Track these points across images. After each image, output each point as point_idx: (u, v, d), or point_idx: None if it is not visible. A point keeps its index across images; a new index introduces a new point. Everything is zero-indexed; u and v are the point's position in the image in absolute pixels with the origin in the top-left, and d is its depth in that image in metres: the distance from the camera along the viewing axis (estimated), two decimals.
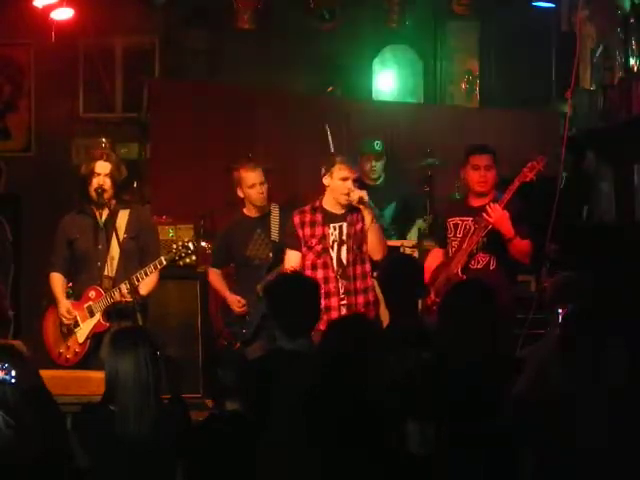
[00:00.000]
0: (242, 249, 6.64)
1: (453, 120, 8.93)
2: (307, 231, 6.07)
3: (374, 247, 6.01)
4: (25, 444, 3.66)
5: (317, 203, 6.12)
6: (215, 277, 6.83)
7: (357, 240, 5.99)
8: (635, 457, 3.48)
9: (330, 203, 6.06)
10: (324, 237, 6.02)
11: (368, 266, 6.01)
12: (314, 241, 6.04)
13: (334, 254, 6.00)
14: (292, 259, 6.08)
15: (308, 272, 5.94)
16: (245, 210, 6.77)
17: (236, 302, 6.59)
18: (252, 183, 6.66)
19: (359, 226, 6.01)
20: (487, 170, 6.05)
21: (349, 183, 5.98)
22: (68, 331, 6.06)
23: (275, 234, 6.61)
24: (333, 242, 6.02)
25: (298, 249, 6.08)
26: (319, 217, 6.06)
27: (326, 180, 6.05)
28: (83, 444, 4.16)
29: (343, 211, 6.03)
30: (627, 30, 7.47)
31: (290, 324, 4.49)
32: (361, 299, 5.95)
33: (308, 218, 6.09)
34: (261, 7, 8.47)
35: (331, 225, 6.03)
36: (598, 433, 3.50)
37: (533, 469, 3.81)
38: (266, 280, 6.16)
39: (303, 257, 6.05)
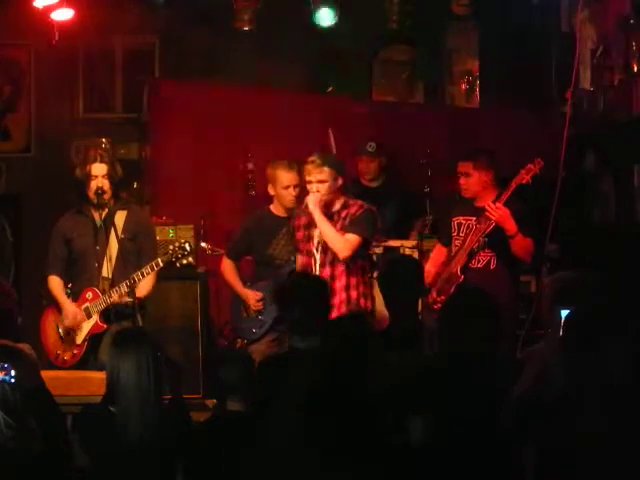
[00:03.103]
0: (265, 246, 6.57)
1: (453, 120, 8.93)
2: (299, 234, 6.08)
3: (331, 247, 5.91)
4: (25, 444, 3.66)
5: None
6: (229, 269, 6.74)
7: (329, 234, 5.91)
8: (636, 457, 3.49)
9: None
10: (309, 239, 6.00)
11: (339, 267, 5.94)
12: (302, 244, 6.04)
13: (318, 256, 5.97)
14: (299, 262, 6.11)
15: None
16: (272, 207, 6.68)
17: (253, 297, 6.56)
18: (287, 185, 6.57)
19: (338, 225, 5.96)
20: (467, 177, 6.13)
21: (312, 187, 5.92)
22: (66, 333, 6.05)
23: None
24: (318, 244, 5.98)
25: (298, 250, 6.10)
26: (308, 219, 6.04)
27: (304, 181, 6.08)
28: (83, 444, 4.16)
29: (338, 207, 5.98)
30: (627, 31, 7.46)
31: (300, 323, 4.51)
32: (344, 296, 5.89)
33: (302, 221, 6.08)
34: (261, 7, 8.46)
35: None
36: (600, 434, 3.51)
37: (533, 469, 3.81)
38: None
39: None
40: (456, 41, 9.87)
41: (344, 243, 5.87)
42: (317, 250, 5.98)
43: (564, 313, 3.91)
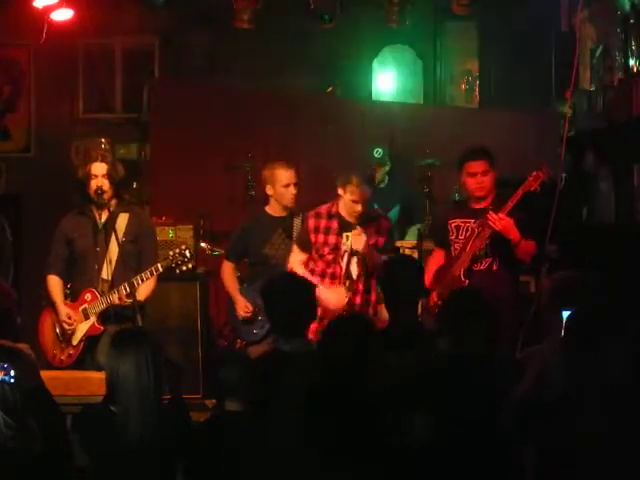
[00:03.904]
0: (260, 247, 6.55)
1: (452, 121, 8.93)
2: (320, 238, 6.02)
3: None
4: (25, 444, 3.66)
5: (334, 209, 6.05)
6: (228, 272, 6.73)
7: (368, 253, 5.90)
8: (636, 457, 3.49)
9: (345, 211, 6.01)
10: (336, 247, 5.97)
11: (374, 281, 5.95)
12: (326, 249, 5.99)
13: (344, 264, 5.97)
14: (297, 258, 6.06)
15: (316, 280, 5.92)
16: (268, 208, 6.66)
17: (243, 306, 6.57)
18: (287, 183, 6.53)
19: (372, 240, 5.95)
20: (483, 175, 6.02)
21: (358, 207, 5.92)
22: (63, 333, 6.05)
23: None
24: (344, 252, 5.97)
25: (307, 252, 6.05)
26: (334, 225, 6.00)
27: (340, 191, 6.01)
28: (83, 444, 4.16)
29: (358, 220, 5.96)
30: (627, 30, 7.47)
31: (285, 325, 4.49)
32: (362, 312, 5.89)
33: (323, 224, 6.03)
34: (261, 7, 8.46)
35: (344, 234, 5.97)
36: (600, 434, 3.51)
37: (533, 469, 3.81)
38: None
39: (313, 263, 6.03)
40: (456, 41, 9.87)
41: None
42: (343, 259, 5.96)
43: (565, 314, 3.91)
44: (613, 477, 3.54)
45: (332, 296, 5.96)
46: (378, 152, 7.69)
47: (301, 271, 6.01)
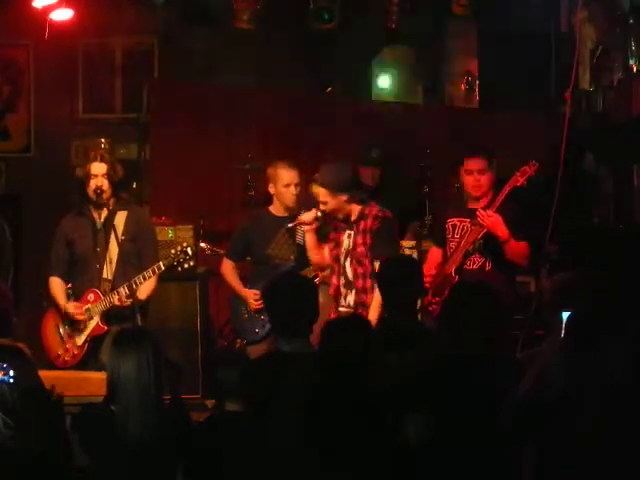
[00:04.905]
0: (263, 247, 6.54)
1: (452, 121, 8.94)
2: (332, 235, 6.06)
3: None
4: (24, 444, 3.66)
5: None
6: (229, 270, 6.71)
7: (358, 253, 5.87)
8: (636, 457, 3.49)
9: None
10: (338, 244, 5.99)
11: (369, 282, 5.87)
12: (332, 245, 6.03)
13: (342, 262, 5.98)
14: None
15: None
16: (271, 208, 6.64)
17: (252, 296, 6.52)
18: (287, 182, 6.52)
19: (359, 239, 5.89)
20: (480, 174, 5.99)
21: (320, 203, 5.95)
22: (66, 333, 6.06)
23: (301, 237, 6.54)
24: (343, 249, 5.97)
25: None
26: (337, 224, 6.01)
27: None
28: (83, 444, 4.16)
29: (354, 218, 5.94)
30: (627, 30, 7.48)
31: (286, 325, 4.48)
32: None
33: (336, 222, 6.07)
34: (261, 7, 8.47)
35: (347, 232, 5.97)
36: (600, 434, 3.51)
37: (533, 469, 3.81)
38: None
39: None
40: (456, 41, 9.87)
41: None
42: (342, 255, 5.97)
43: (565, 314, 3.91)
44: (613, 477, 3.54)
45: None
46: (376, 152, 7.70)
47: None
